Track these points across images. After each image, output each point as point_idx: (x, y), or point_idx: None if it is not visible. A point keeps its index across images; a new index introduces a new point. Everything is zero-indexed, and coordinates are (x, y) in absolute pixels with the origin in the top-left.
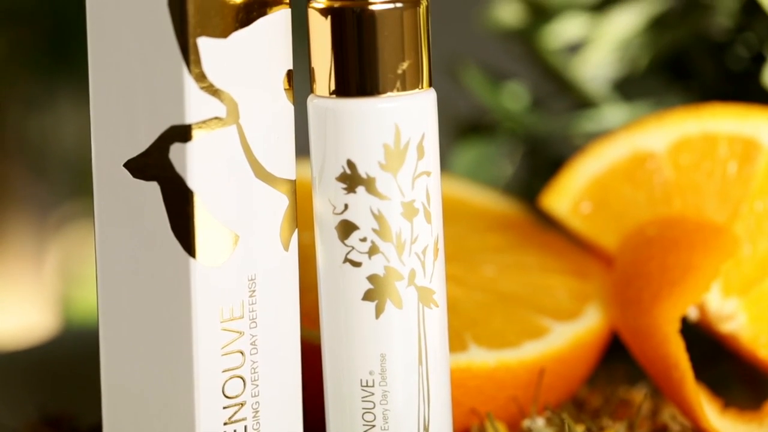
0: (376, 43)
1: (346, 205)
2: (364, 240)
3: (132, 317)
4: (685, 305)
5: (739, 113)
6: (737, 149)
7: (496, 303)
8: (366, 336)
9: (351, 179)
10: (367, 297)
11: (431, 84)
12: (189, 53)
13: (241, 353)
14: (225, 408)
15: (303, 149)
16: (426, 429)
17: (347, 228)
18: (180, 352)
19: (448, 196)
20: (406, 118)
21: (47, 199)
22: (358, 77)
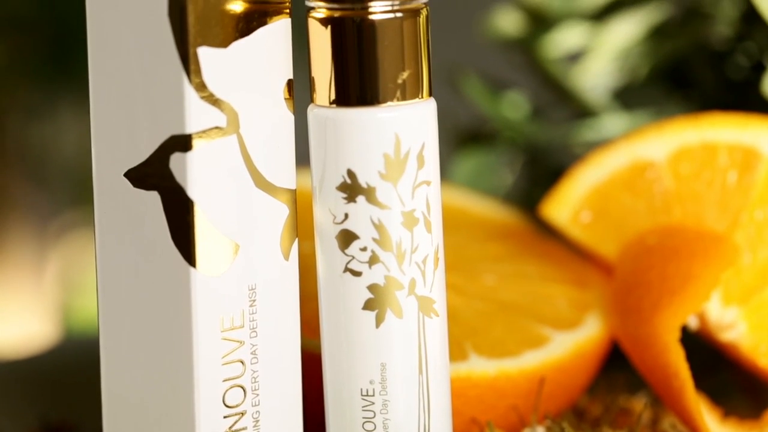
0: (376, 53)
1: (346, 215)
2: (364, 249)
3: (132, 326)
4: (686, 314)
5: (739, 122)
6: (737, 158)
7: (496, 312)
8: (366, 345)
9: (351, 189)
10: (368, 306)
11: (431, 93)
12: (189, 63)
13: (242, 362)
14: (225, 417)
15: (303, 158)
16: None
17: (347, 237)
18: (180, 361)
19: (448, 205)
20: (406, 127)
21: (48, 208)
22: (358, 87)
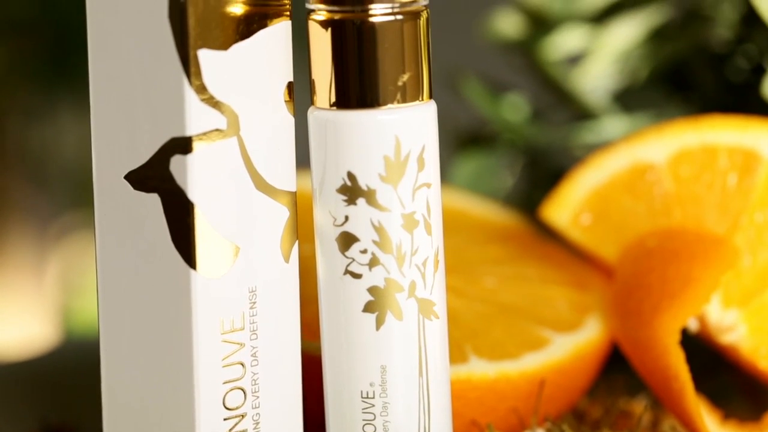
0: (376, 55)
1: (346, 217)
2: (364, 252)
3: (133, 328)
4: (686, 317)
5: (739, 125)
6: (737, 161)
7: (496, 314)
8: (366, 347)
9: (351, 191)
10: (368, 309)
11: (431, 96)
12: (189, 65)
13: (242, 365)
14: (225, 420)
15: (303, 161)
16: None
17: (348, 240)
18: (180, 363)
19: (448, 207)
20: (406, 130)
21: (48, 210)
22: (358, 89)
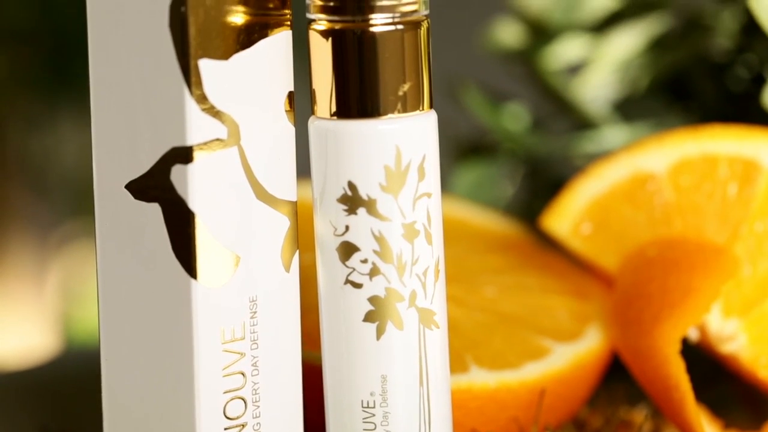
0: (377, 65)
1: (347, 227)
2: (365, 261)
3: (133, 337)
4: (686, 326)
5: (740, 134)
6: (737, 170)
7: (496, 324)
8: (367, 357)
9: (352, 201)
10: (368, 318)
11: (432, 105)
12: (190, 75)
13: (243, 374)
14: (226, 429)
15: (304, 170)
16: None
17: (348, 249)
18: (181, 372)
19: (448, 217)
20: (406, 139)
21: (48, 219)
22: (359, 99)
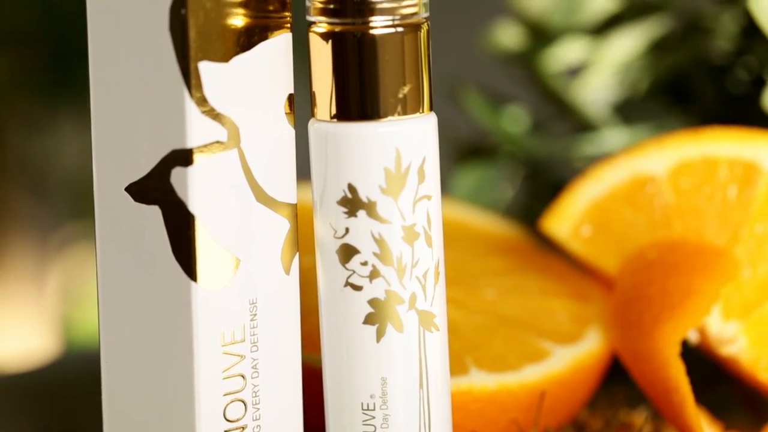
0: (377, 68)
1: (347, 229)
2: (365, 264)
3: (133, 340)
4: (686, 328)
5: (740, 137)
6: (737, 173)
7: (496, 326)
8: (367, 360)
9: (352, 203)
10: (368, 321)
11: (432, 108)
12: (190, 77)
13: (243, 377)
14: None
15: (304, 173)
16: None
17: (348, 252)
18: (181, 375)
19: (448, 219)
20: (406, 142)
21: (48, 221)
22: (359, 101)
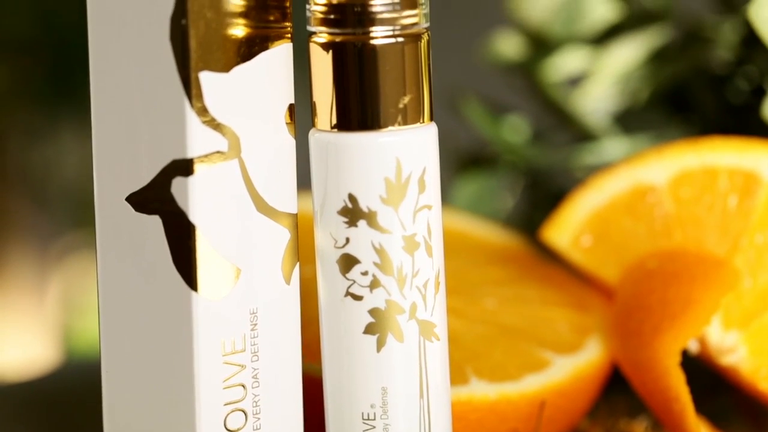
0: (377, 78)
1: (347, 239)
2: (365, 273)
3: (134, 350)
4: (686, 338)
5: (740, 146)
6: (738, 182)
7: (497, 336)
8: (367, 369)
9: (352, 213)
10: (369, 330)
11: (432, 118)
12: (191, 87)
13: (243, 386)
14: None
15: (304, 183)
16: None
17: (348, 262)
18: (182, 384)
19: (449, 229)
20: (407, 152)
21: (49, 230)
22: (359, 111)
